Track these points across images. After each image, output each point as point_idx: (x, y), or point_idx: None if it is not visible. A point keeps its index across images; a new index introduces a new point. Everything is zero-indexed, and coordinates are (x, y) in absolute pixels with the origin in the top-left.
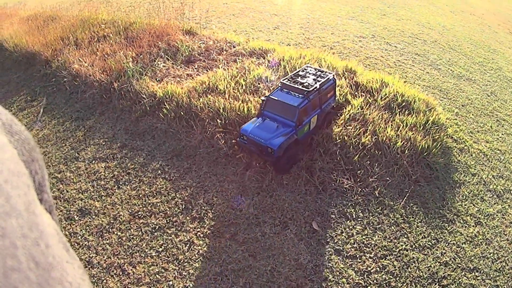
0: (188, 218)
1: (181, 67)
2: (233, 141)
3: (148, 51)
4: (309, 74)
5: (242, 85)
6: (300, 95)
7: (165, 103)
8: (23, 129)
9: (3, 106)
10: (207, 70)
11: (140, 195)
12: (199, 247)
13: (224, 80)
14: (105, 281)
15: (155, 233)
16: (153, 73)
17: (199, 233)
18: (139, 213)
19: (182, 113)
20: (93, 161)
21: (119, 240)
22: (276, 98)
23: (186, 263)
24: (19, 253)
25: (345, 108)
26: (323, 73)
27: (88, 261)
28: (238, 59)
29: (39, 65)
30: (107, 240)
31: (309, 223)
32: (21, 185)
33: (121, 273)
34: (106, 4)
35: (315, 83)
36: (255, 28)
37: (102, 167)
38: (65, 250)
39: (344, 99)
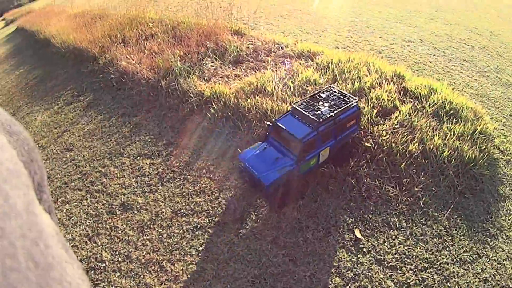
0: (230, 218)
1: (229, 67)
2: None
3: (196, 50)
4: (329, 98)
5: (290, 87)
6: (308, 125)
7: (213, 103)
8: (22, 129)
9: (50, 100)
10: (255, 71)
11: (184, 193)
12: (240, 249)
13: (272, 82)
14: (142, 276)
15: (197, 232)
16: (201, 73)
17: (240, 234)
18: (182, 211)
19: (229, 113)
20: (138, 157)
21: (160, 237)
22: (282, 126)
23: (225, 264)
24: (18, 253)
25: (393, 114)
26: (346, 98)
27: (127, 255)
28: (287, 61)
29: (86, 61)
30: (148, 236)
31: (352, 231)
32: (20, 185)
33: (159, 270)
34: (153, 3)
35: (330, 111)
36: (303, 30)
37: (146, 163)
38: (64, 250)
39: (392, 105)
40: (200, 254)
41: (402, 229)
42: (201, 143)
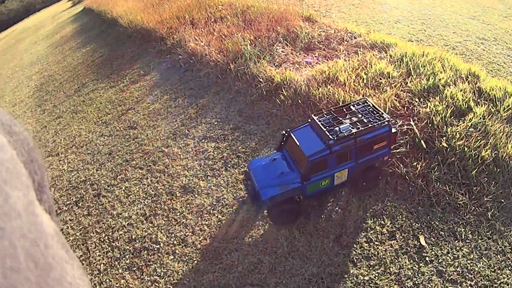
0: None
1: (300, 54)
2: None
3: (266, 35)
4: (358, 112)
5: (363, 79)
6: (323, 142)
7: (283, 89)
8: (22, 129)
9: (115, 78)
10: (327, 60)
11: None
12: (300, 244)
13: (345, 72)
14: (196, 261)
15: (257, 222)
16: (271, 58)
17: (302, 229)
18: (244, 198)
19: (299, 101)
20: (203, 140)
21: (219, 223)
22: (294, 138)
23: (283, 258)
24: (19, 253)
25: (467, 116)
26: (377, 116)
27: (183, 239)
28: (360, 51)
29: (154, 41)
30: (206, 221)
31: (416, 237)
32: (20, 185)
33: (214, 257)
34: None
35: (352, 129)
36: (375, 20)
37: (211, 147)
38: (64, 251)
39: (466, 106)
40: (258, 245)
41: (468, 241)
42: (268, 130)
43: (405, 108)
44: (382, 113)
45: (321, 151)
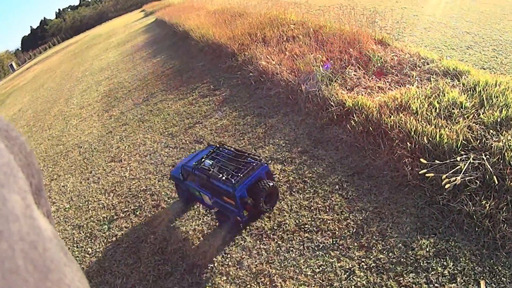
0: (356, 244)
1: (372, 78)
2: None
3: (338, 57)
4: (240, 163)
5: (436, 108)
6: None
7: (354, 115)
8: (19, 134)
9: (185, 91)
10: (399, 86)
11: (312, 208)
12: (359, 279)
13: (417, 100)
14: (249, 285)
15: (317, 252)
16: (343, 81)
17: (362, 263)
18: (306, 226)
19: (370, 129)
20: (270, 161)
21: (277, 248)
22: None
23: None
24: (17, 256)
25: None
26: (241, 172)
27: (238, 261)
28: (432, 77)
29: (224, 57)
30: (265, 245)
31: (477, 281)
32: (18, 189)
33: (268, 283)
34: (294, 5)
35: (210, 167)
36: (447, 45)
37: (278, 169)
38: (63, 254)
39: None
40: (315, 276)
41: None
42: (337, 156)
43: (478, 141)
44: (246, 172)
45: (191, 167)
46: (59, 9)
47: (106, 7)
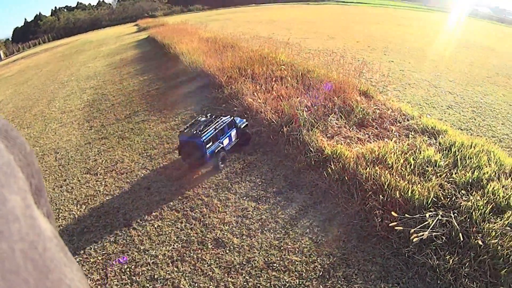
0: (321, 287)
1: (352, 129)
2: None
3: (322, 103)
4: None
5: (411, 164)
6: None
7: (331, 163)
8: (19, 134)
9: (168, 115)
10: (378, 139)
11: (281, 248)
12: None
13: (394, 155)
14: None
15: None
16: (324, 128)
17: None
18: (274, 265)
19: (346, 178)
20: (244, 197)
21: (245, 284)
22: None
23: None
24: (17, 256)
25: (505, 214)
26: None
27: None
28: (411, 134)
29: (211, 87)
30: (233, 279)
31: None
32: (18, 189)
33: None
34: (286, 45)
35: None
36: (429, 103)
37: (251, 206)
38: (63, 254)
39: (506, 203)
40: None
41: None
42: (311, 201)
43: (448, 199)
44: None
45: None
46: (55, 7)
47: (101, 15)
